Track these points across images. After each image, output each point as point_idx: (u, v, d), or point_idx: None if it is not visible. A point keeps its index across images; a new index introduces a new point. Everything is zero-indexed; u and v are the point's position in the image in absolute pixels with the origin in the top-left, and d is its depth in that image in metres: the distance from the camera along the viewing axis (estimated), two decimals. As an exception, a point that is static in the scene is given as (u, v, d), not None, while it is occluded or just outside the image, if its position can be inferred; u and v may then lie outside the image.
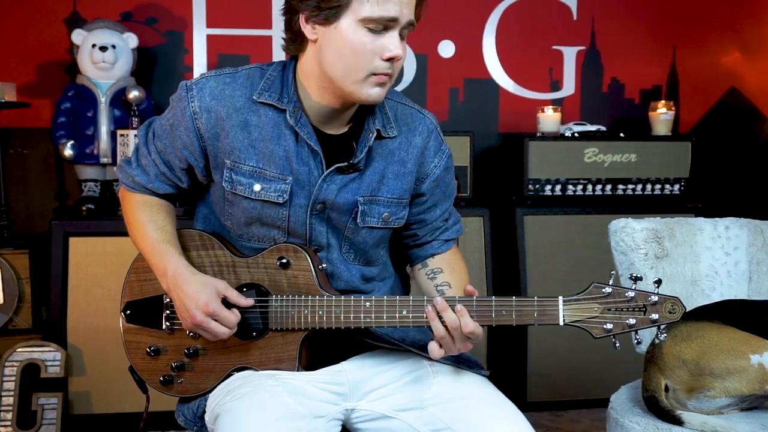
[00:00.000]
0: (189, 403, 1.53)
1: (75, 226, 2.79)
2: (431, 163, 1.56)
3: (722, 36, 3.55)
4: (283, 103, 1.45)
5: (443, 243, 1.64)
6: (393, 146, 1.52)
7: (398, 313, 1.39)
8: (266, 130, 1.45)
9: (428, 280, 1.62)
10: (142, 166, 1.56)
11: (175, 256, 1.47)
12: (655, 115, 3.22)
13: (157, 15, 3.21)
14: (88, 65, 2.90)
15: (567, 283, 3.02)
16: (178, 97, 1.48)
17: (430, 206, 1.60)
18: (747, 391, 1.61)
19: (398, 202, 1.54)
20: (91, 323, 2.76)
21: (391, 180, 1.52)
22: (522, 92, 3.46)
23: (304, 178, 1.47)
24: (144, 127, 1.58)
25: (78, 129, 2.90)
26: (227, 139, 1.46)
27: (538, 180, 3.08)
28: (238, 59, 3.26)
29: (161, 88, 3.21)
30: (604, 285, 1.32)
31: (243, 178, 1.46)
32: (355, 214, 1.50)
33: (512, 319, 1.35)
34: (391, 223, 1.54)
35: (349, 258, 1.54)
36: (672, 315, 1.29)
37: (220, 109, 1.45)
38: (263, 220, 1.49)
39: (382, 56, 1.36)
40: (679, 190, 3.15)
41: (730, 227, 1.97)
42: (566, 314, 1.32)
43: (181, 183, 1.56)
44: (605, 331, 1.31)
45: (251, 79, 1.47)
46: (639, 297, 1.30)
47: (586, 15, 3.47)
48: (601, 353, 3.00)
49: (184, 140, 1.49)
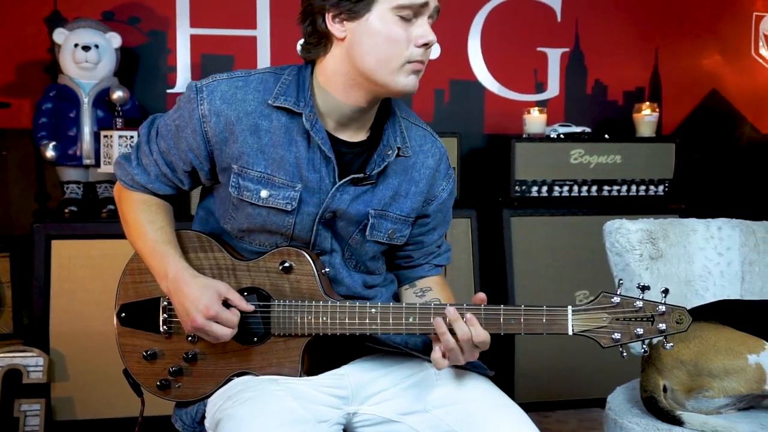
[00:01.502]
0: (187, 408, 1.50)
1: (57, 228, 2.74)
2: (440, 186, 1.57)
3: (703, 39, 3.60)
4: (299, 106, 1.42)
5: (433, 267, 1.64)
6: (408, 164, 1.51)
7: (405, 320, 1.38)
8: (277, 136, 1.43)
9: (417, 298, 1.60)
10: (143, 165, 1.52)
11: (176, 258, 1.44)
12: (640, 116, 3.25)
13: (140, 14, 3.16)
14: (71, 65, 2.84)
15: (554, 284, 3.04)
16: (187, 98, 1.45)
17: (430, 229, 1.60)
18: (745, 390, 1.62)
19: (405, 220, 1.53)
20: (75, 327, 2.71)
21: (402, 198, 1.51)
22: (507, 94, 3.47)
23: (315, 185, 1.44)
24: (146, 125, 1.54)
25: (60, 130, 2.84)
26: (236, 143, 1.43)
27: (525, 181, 3.09)
28: (222, 60, 3.23)
29: (144, 88, 3.16)
30: (613, 295, 1.32)
31: (250, 184, 1.43)
32: (364, 227, 1.49)
33: (521, 328, 1.35)
34: (395, 240, 1.53)
35: (350, 265, 1.53)
36: (679, 325, 1.29)
37: (230, 114, 1.42)
38: (267, 227, 1.46)
39: (416, 43, 1.36)
40: (663, 191, 3.18)
41: (723, 228, 1.99)
42: (575, 324, 1.32)
43: (183, 185, 1.53)
44: (613, 341, 1.31)
45: (265, 83, 1.44)
46: (647, 307, 1.31)
47: (570, 17, 3.49)
48: (588, 354, 3.01)
49: (190, 143, 1.46)
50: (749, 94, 3.66)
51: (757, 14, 3.63)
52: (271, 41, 3.26)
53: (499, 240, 3.10)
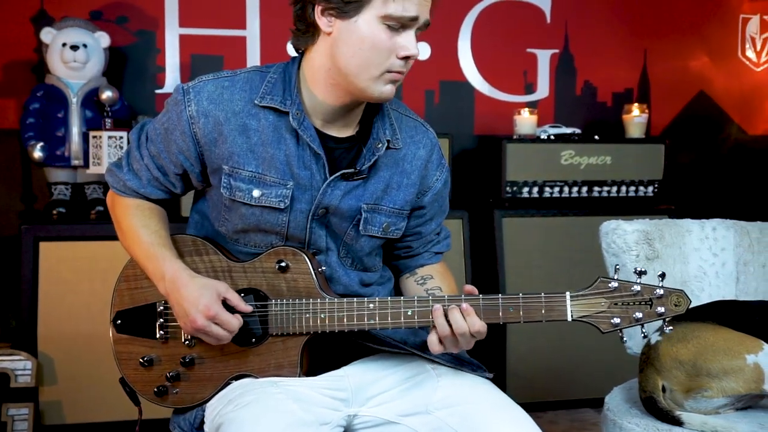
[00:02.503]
0: (185, 414, 1.48)
1: (45, 230, 2.71)
2: (433, 177, 1.56)
3: (691, 41, 3.62)
4: (285, 105, 1.42)
5: (433, 255, 1.64)
6: (398, 156, 1.51)
7: (403, 314, 1.37)
8: (266, 134, 1.42)
9: (418, 286, 1.60)
10: (134, 170, 1.51)
11: (172, 260, 1.43)
12: (629, 117, 3.26)
13: (128, 14, 3.13)
14: (59, 65, 2.81)
15: (545, 284, 3.04)
16: (174, 101, 1.44)
17: (427, 219, 1.60)
18: (744, 390, 1.63)
19: (399, 213, 1.52)
20: (63, 330, 2.68)
21: (394, 190, 1.51)
22: (497, 95, 3.47)
23: (306, 182, 1.44)
24: (136, 131, 1.53)
25: (48, 130, 2.80)
26: (225, 144, 1.42)
27: (516, 182, 3.09)
28: (211, 60, 3.20)
29: (132, 88, 3.13)
30: (611, 279, 1.32)
31: (242, 184, 1.43)
32: (357, 222, 1.48)
33: (519, 316, 1.34)
34: (390, 233, 1.53)
35: (346, 263, 1.52)
36: (677, 308, 1.29)
37: (218, 114, 1.41)
38: (261, 226, 1.45)
39: (398, 54, 1.36)
40: (653, 192, 3.19)
41: (717, 228, 2.00)
42: (574, 310, 1.32)
43: (175, 189, 1.52)
44: (613, 326, 1.31)
45: (251, 82, 1.44)
46: (645, 290, 1.30)
47: (560, 19, 3.50)
48: (580, 355, 3.03)
49: (180, 145, 1.45)
50: (736, 95, 3.69)
51: (743, 16, 3.66)
52: (261, 41, 3.24)
53: (491, 241, 3.10)
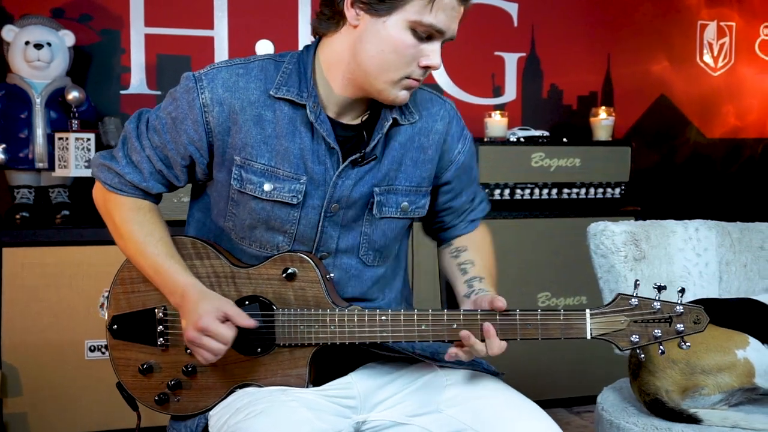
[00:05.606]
0: (186, 421, 1.44)
1: (8, 235, 2.60)
2: (455, 150, 1.53)
3: (652, 46, 3.71)
4: (302, 98, 1.38)
5: (469, 224, 1.63)
6: (412, 132, 1.46)
7: (417, 328, 1.34)
8: (281, 127, 1.38)
9: (452, 258, 1.59)
10: (134, 162, 1.43)
11: (182, 275, 1.38)
12: (597, 120, 3.32)
13: (92, 12, 3.04)
14: (21, 64, 2.70)
15: (517, 286, 3.07)
16: (185, 89, 1.39)
17: (457, 194, 1.57)
18: (738, 385, 1.66)
19: (416, 191, 1.49)
20: (29, 339, 2.58)
21: (409, 167, 1.47)
22: (465, 97, 3.49)
23: (320, 177, 1.40)
24: (133, 120, 1.45)
25: (10, 132, 2.70)
26: (239, 134, 1.38)
27: (487, 184, 3.10)
28: (178, 60, 3.13)
29: (96, 88, 3.03)
30: (630, 297, 1.31)
31: (254, 177, 1.38)
32: (371, 206, 1.44)
33: (538, 333, 1.33)
34: (411, 213, 1.49)
35: (367, 260, 1.48)
36: (697, 325, 1.29)
37: (233, 102, 1.37)
38: (270, 223, 1.41)
39: (420, 63, 1.34)
40: (620, 194, 3.25)
41: (700, 229, 2.04)
42: (593, 327, 1.32)
43: (178, 182, 1.46)
44: (631, 344, 1.30)
45: (265, 71, 1.40)
46: (665, 308, 1.30)
47: (527, 22, 3.54)
48: (561, 355, 3.06)
49: (191, 135, 1.39)
50: (695, 99, 3.79)
51: (701, 23, 3.77)
52: (229, 42, 3.19)
53: (463, 243, 3.10)
